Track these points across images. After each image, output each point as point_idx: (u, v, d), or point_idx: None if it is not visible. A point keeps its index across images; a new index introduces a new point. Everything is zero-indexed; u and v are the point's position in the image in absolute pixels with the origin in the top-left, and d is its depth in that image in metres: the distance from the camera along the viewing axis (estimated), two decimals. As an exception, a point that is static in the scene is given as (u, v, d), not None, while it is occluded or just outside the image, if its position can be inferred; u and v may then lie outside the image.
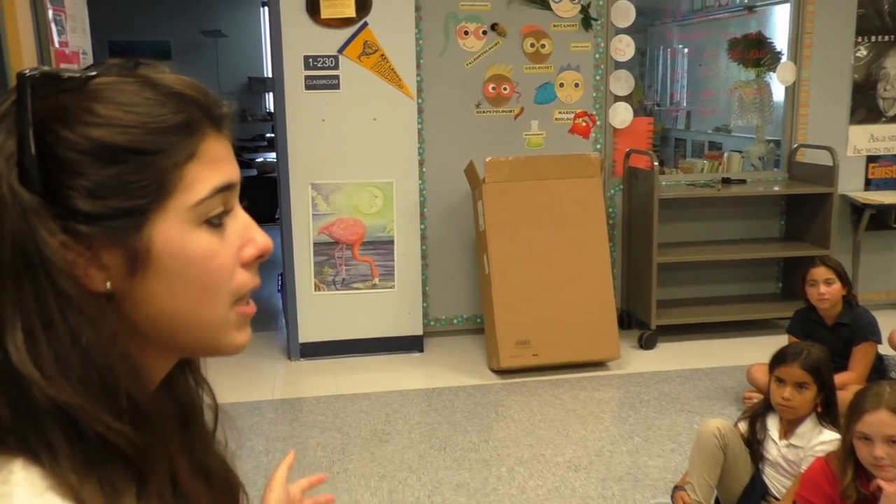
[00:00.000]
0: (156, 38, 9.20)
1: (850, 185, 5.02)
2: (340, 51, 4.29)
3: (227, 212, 0.67)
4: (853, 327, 3.49)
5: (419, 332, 4.56)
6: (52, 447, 0.58)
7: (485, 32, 4.60)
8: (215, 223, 0.65)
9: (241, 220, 0.68)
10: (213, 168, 0.65)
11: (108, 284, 0.62)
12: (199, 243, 0.64)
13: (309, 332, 4.44)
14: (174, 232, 0.63)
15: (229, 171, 0.67)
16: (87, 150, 0.61)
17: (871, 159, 5.12)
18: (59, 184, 0.60)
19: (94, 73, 0.64)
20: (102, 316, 0.61)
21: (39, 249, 0.59)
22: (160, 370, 0.69)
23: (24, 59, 2.64)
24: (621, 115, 4.81)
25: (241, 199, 0.70)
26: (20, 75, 0.62)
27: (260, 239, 0.69)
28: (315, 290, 4.43)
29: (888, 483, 2.06)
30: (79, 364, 0.59)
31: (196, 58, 9.22)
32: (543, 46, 4.67)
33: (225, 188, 0.66)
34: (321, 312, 4.44)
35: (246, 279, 0.68)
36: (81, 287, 0.61)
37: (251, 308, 0.69)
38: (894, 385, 2.18)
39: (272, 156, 7.54)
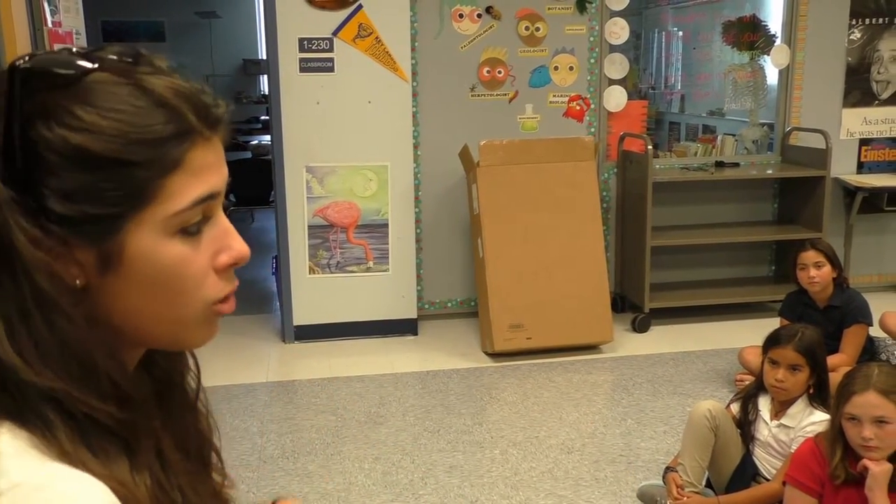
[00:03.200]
0: (149, 19, 9.13)
1: (843, 168, 5.04)
2: (335, 33, 4.27)
3: (206, 219, 0.67)
4: (844, 310, 3.52)
5: (413, 315, 4.57)
6: (46, 421, 0.60)
7: (479, 15, 4.58)
8: (192, 231, 0.65)
9: (219, 227, 0.68)
10: (197, 179, 0.65)
11: (78, 282, 0.63)
12: (171, 252, 0.64)
13: (303, 314, 4.46)
14: (147, 240, 0.63)
15: (214, 181, 0.66)
16: (66, 153, 0.61)
17: (864, 142, 5.13)
18: (36, 181, 0.61)
19: (89, 68, 0.63)
20: (77, 308, 0.62)
21: (13, 243, 0.60)
22: (133, 357, 0.71)
23: (18, 39, 2.62)
24: (616, 98, 4.81)
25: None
26: (12, 68, 0.61)
27: (236, 246, 0.69)
28: (310, 272, 4.44)
29: (875, 463, 2.09)
30: (57, 351, 0.61)
31: (190, 39, 9.16)
32: (538, 29, 4.66)
33: (207, 199, 0.66)
34: (316, 295, 4.45)
35: (217, 286, 0.68)
36: (56, 280, 0.61)
37: (228, 306, 0.69)
38: (882, 366, 2.21)
39: (267, 138, 7.52)
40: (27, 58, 0.62)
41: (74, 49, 0.65)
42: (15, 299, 0.60)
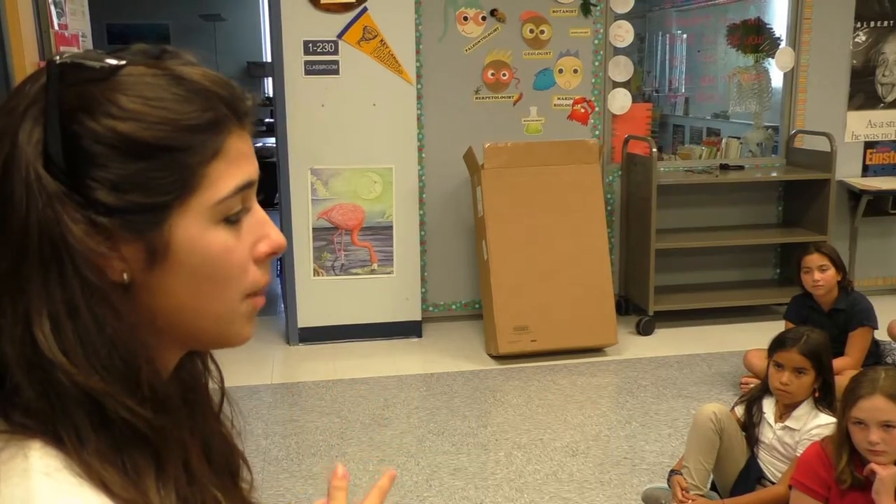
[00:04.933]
0: (154, 22, 9.15)
1: (848, 170, 5.03)
2: (340, 36, 4.28)
3: (245, 209, 0.67)
4: (849, 313, 3.51)
5: (418, 317, 4.57)
6: (78, 432, 0.59)
7: (484, 18, 4.59)
8: (233, 220, 0.66)
9: (256, 217, 0.69)
10: (236, 166, 0.66)
11: (126, 276, 0.63)
12: (217, 240, 0.65)
13: (308, 316, 4.46)
14: (194, 229, 0.64)
15: (250, 169, 0.67)
16: (113, 143, 0.61)
17: (869, 145, 5.13)
18: (82, 174, 0.61)
19: (122, 63, 0.63)
20: (124, 305, 0.62)
21: (64, 237, 0.60)
22: (171, 361, 0.71)
23: (24, 41, 2.64)
24: (620, 101, 4.81)
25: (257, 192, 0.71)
26: (50, 62, 0.62)
27: (274, 236, 0.69)
28: (314, 275, 4.44)
29: (882, 467, 2.08)
30: (105, 352, 0.60)
31: (195, 42, 9.17)
32: (542, 32, 4.66)
33: (245, 187, 0.66)
34: (320, 297, 4.45)
35: (258, 275, 0.69)
36: (104, 276, 0.61)
37: (261, 300, 0.70)
38: (889, 370, 2.20)
39: (271, 141, 7.53)
40: (62, 55, 0.63)
41: (100, 51, 0.66)
42: (62, 296, 0.60)
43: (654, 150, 4.50)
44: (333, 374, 4.05)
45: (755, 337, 3.83)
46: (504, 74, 4.66)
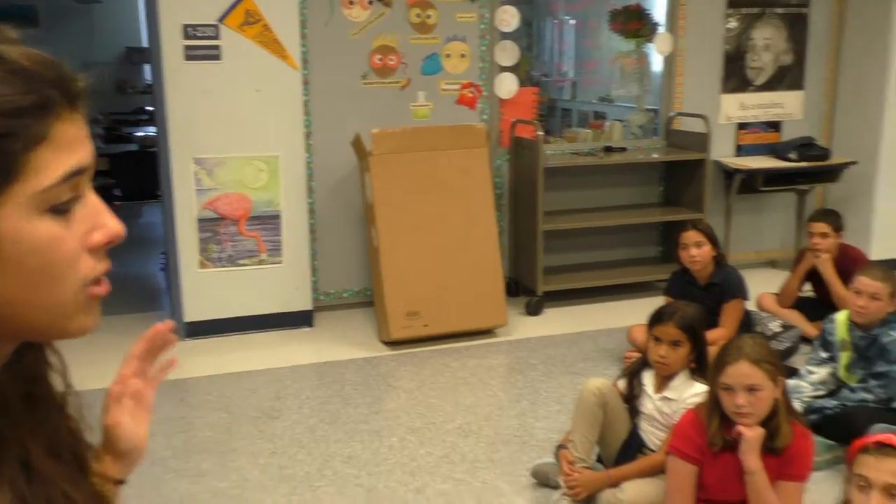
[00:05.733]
0: (19, 2, 8.60)
1: (723, 150, 5.27)
2: (221, 20, 4.14)
3: (76, 197, 0.63)
4: (723, 286, 3.69)
5: (308, 306, 4.51)
6: None
7: (370, 2, 4.54)
8: (62, 209, 0.62)
9: (90, 205, 0.65)
10: (65, 152, 0.61)
11: None
12: (42, 231, 0.61)
13: (195, 310, 4.33)
14: (16, 219, 0.59)
15: (81, 156, 0.63)
16: None
17: (741, 126, 5.38)
18: None
19: None
20: None
21: None
22: (3, 355, 0.66)
23: None
24: (507, 85, 4.86)
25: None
26: None
27: (111, 224, 0.66)
28: (200, 267, 4.31)
29: (748, 428, 2.20)
30: None
31: (68, 25, 8.71)
32: (429, 17, 4.66)
33: (76, 174, 0.62)
34: (207, 290, 4.33)
35: (90, 266, 0.65)
36: None
37: (102, 289, 0.66)
38: (755, 338, 2.32)
39: (152, 129, 7.27)
40: None
41: None
42: None
43: (540, 133, 4.57)
44: (223, 368, 3.95)
45: (639, 312, 3.93)
46: (391, 59, 4.63)
